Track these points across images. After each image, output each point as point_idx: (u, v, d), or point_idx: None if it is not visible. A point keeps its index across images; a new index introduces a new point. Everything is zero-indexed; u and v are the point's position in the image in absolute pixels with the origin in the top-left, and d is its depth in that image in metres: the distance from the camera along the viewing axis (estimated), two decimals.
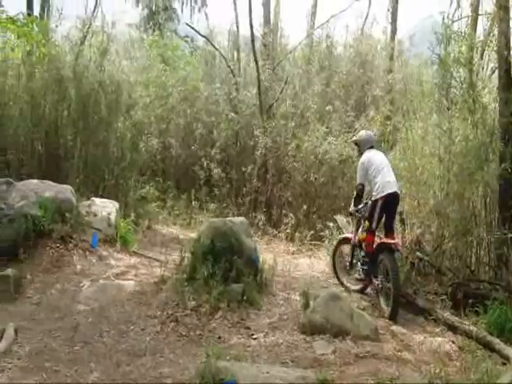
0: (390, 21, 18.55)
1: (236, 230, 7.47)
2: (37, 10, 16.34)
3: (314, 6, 19.88)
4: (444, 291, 7.76)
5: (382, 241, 7.74)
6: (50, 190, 9.54)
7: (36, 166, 12.44)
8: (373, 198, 7.80)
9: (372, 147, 8.27)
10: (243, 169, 14.28)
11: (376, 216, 7.72)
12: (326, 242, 10.36)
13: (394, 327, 6.88)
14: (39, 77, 13.27)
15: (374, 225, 7.75)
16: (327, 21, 18.15)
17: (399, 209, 8.43)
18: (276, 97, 15.23)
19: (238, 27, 18.46)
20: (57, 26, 14.78)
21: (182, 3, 29.79)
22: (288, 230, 12.22)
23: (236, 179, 14.48)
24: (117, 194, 12.17)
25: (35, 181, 9.96)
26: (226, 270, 7.08)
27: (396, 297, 7.22)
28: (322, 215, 12.68)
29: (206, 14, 29.63)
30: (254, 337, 6.36)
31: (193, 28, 20.27)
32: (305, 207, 12.94)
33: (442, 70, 8.87)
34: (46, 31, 12.60)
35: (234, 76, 16.47)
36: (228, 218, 8.17)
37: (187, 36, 25.78)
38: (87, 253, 8.79)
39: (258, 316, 6.88)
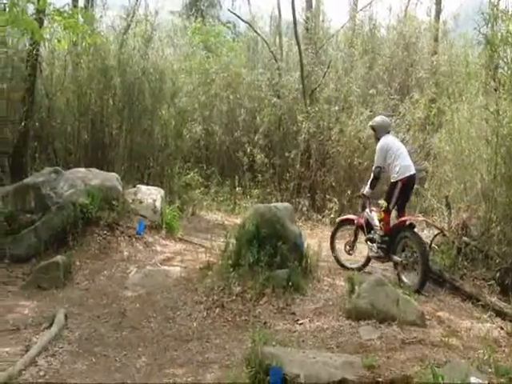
0: (435, 1, 18.19)
1: (280, 216, 7.47)
2: (81, 1, 16.59)
3: None
4: (492, 276, 7.65)
5: (402, 220, 8.07)
6: (96, 178, 9.74)
7: (82, 154, 12.70)
8: (392, 180, 8.11)
9: (388, 132, 8.52)
10: (286, 154, 14.26)
11: (395, 197, 8.05)
12: None
13: (440, 313, 6.80)
14: (85, 67, 13.48)
15: (391, 205, 8.11)
16: (370, 3, 17.95)
17: (445, 193, 8.36)
18: (319, 81, 15.12)
19: (279, 12, 18.42)
20: (101, 16, 14.95)
21: None
22: (332, 215, 12.18)
23: (279, 164, 14.46)
24: (161, 181, 12.34)
25: (82, 169, 10.18)
26: (270, 256, 7.10)
27: (425, 269, 7.47)
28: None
29: (248, 0, 29.62)
30: (300, 322, 6.38)
31: (235, 14, 20.29)
32: (349, 192, 12.88)
33: (489, 50, 8.64)
34: (91, 22, 12.75)
35: (276, 61, 16.42)
36: (272, 204, 8.16)
37: (229, 22, 25.76)
38: (133, 239, 8.96)
39: (303, 301, 6.88)
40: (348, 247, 8.79)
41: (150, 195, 9.98)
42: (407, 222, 8.03)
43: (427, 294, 7.50)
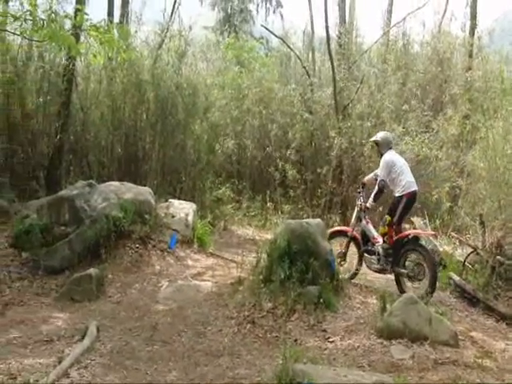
0: (469, 17, 18.05)
1: (312, 232, 7.44)
2: (117, 17, 16.86)
3: (391, 3, 19.66)
4: None
5: (405, 233, 8.44)
6: (129, 191, 9.81)
7: (116, 168, 12.83)
8: (397, 195, 8.39)
9: (391, 148, 8.79)
10: (318, 170, 14.25)
11: (399, 211, 8.34)
12: None
13: (473, 333, 6.70)
14: (119, 81, 13.65)
15: (396, 219, 8.37)
16: (403, 18, 17.91)
17: (479, 211, 8.28)
18: (351, 97, 15.12)
19: (312, 28, 18.48)
20: (136, 32, 15.17)
21: (258, 5, 30.04)
22: None
23: (311, 180, 14.45)
24: (193, 196, 12.40)
25: (116, 183, 10.27)
26: (302, 272, 7.06)
27: (434, 279, 7.76)
28: None
29: (281, 15, 29.84)
30: (331, 340, 6.32)
31: (268, 29, 20.39)
32: (380, 209, 12.75)
33: None
34: (126, 37, 12.95)
35: (309, 76, 16.46)
36: (304, 220, 8.13)
37: (262, 37, 25.90)
38: (165, 253, 9.01)
39: (334, 319, 6.83)
40: (339, 258, 8.71)
41: (183, 209, 10.04)
42: (410, 236, 8.33)
43: (460, 313, 7.41)
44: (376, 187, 8.69)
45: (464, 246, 9.21)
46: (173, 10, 18.02)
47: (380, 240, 8.53)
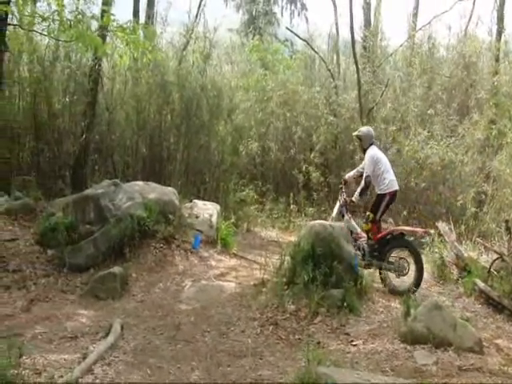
0: (496, 20, 17.89)
1: (336, 235, 7.44)
2: (142, 18, 16.99)
3: (416, 7, 19.54)
4: None
5: (390, 230, 8.92)
6: (154, 191, 9.86)
7: (140, 167, 12.92)
8: (380, 192, 8.72)
9: (373, 143, 9.07)
10: (342, 173, 14.17)
11: (382, 208, 8.71)
12: (427, 249, 10.11)
13: (498, 340, 6.62)
14: (144, 82, 13.75)
15: (378, 216, 8.74)
16: (429, 22, 17.79)
17: (505, 216, 8.22)
18: (376, 100, 15.05)
19: (337, 30, 18.45)
20: (161, 33, 15.27)
21: (282, 7, 30.07)
22: None
23: (335, 183, 14.39)
24: (217, 197, 12.43)
25: (140, 182, 10.33)
26: (325, 275, 7.06)
27: (421, 272, 8.18)
28: (423, 221, 12.40)
29: (305, 18, 29.87)
30: (354, 343, 6.30)
31: (293, 32, 20.41)
32: (405, 213, 12.70)
33: None
34: (151, 38, 13.06)
35: (333, 79, 16.43)
36: (328, 223, 8.12)
37: (287, 40, 25.93)
38: (189, 253, 9.02)
39: (357, 322, 6.81)
40: None
41: (206, 210, 10.06)
42: (395, 233, 8.70)
43: (485, 320, 7.34)
44: (362, 182, 8.86)
45: (489, 252, 9.12)
46: (198, 12, 18.14)
47: (364, 236, 8.81)
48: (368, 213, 8.87)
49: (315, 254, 7.21)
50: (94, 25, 11.41)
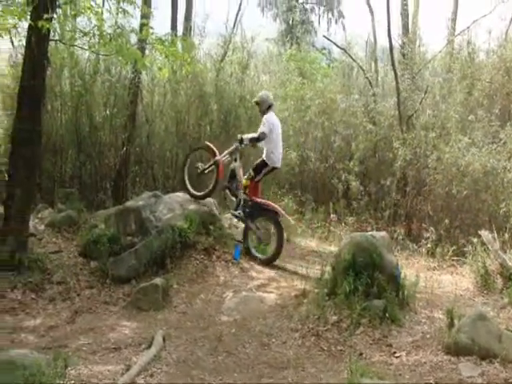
0: None
1: (377, 245, 7.37)
2: (180, 30, 17.21)
3: (454, 12, 19.28)
4: None
5: (269, 203, 9.81)
6: (194, 202, 9.95)
7: (180, 179, 12.97)
8: (265, 159, 9.73)
9: (271, 107, 9.90)
10: (382, 181, 14.06)
11: (262, 173, 9.79)
12: (470, 258, 9.94)
13: None
14: (183, 93, 13.88)
15: (257, 178, 9.78)
16: (468, 27, 17.47)
17: None
18: (415, 107, 14.87)
19: (375, 37, 18.41)
20: (199, 44, 15.41)
21: (319, 16, 30.14)
22: (428, 245, 11.82)
23: (374, 192, 14.27)
24: None
25: (180, 194, 10.45)
26: (367, 286, 7.02)
27: (280, 245, 9.45)
28: (465, 230, 12.18)
29: (343, 26, 29.84)
30: (397, 355, 6.23)
31: (330, 40, 20.37)
32: (446, 221, 12.48)
33: None
34: (190, 50, 13.21)
35: (371, 87, 16.32)
36: (369, 233, 8.05)
37: (324, 48, 25.90)
38: (229, 264, 9.08)
39: (400, 334, 6.73)
40: (199, 171, 10.28)
41: None
42: (270, 207, 9.63)
43: None
44: (256, 134, 9.68)
45: None
46: (235, 22, 18.33)
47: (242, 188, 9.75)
48: (251, 170, 9.78)
49: (356, 264, 7.17)
50: (133, 38, 11.60)
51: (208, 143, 10.61)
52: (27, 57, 8.84)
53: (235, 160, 9.87)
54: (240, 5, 20.14)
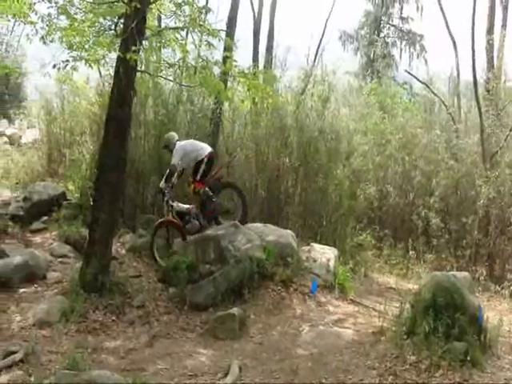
0: None
1: (459, 286, 7.17)
2: (261, 62, 17.48)
3: None
4: None
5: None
6: (272, 233, 10.02)
7: (259, 209, 13.10)
8: (198, 159, 10.52)
9: (175, 143, 10.71)
10: (463, 219, 13.74)
11: (200, 171, 10.48)
12: None
13: None
14: (263, 125, 14.03)
15: (198, 177, 10.46)
16: None
17: None
18: (500, 144, 14.54)
19: (458, 72, 18.16)
20: (280, 77, 15.59)
21: (401, 50, 29.97)
22: None
23: (455, 230, 13.95)
24: (334, 240, 12.37)
25: (259, 224, 10.51)
26: (447, 327, 6.83)
27: (245, 209, 10.66)
28: None
29: (425, 60, 29.54)
30: None
31: (411, 74, 20.26)
32: None
33: None
34: (272, 82, 13.40)
35: (454, 123, 16.10)
36: (451, 273, 7.85)
37: (405, 83, 25.68)
38: (306, 297, 9.02)
39: (481, 378, 6.47)
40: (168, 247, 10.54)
41: (324, 254, 10.01)
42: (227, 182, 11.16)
43: None
44: (167, 171, 10.47)
45: None
46: (316, 55, 18.49)
47: (192, 206, 10.47)
48: (189, 179, 10.71)
49: (436, 304, 6.98)
50: (216, 70, 11.89)
51: (160, 221, 10.93)
52: (115, 86, 9.15)
53: (172, 207, 10.53)
54: (321, 38, 20.40)
